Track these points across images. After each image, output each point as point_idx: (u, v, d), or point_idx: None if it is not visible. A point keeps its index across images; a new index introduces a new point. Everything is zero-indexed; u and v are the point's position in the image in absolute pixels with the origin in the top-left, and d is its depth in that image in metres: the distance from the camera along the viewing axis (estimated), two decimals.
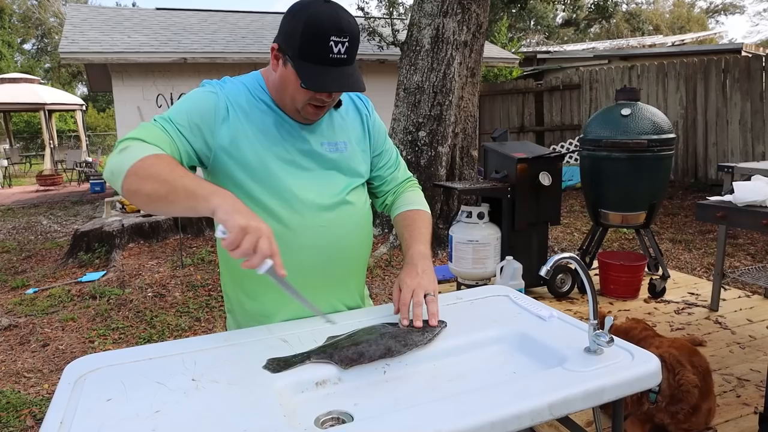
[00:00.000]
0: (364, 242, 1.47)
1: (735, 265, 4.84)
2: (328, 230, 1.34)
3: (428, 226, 1.48)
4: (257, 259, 1.05)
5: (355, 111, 1.47)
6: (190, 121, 1.26)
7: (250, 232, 1.04)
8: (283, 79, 1.26)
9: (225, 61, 8.90)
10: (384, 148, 1.53)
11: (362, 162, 1.45)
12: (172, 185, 1.10)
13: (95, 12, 11.05)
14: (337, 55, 1.19)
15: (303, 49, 1.19)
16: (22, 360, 3.46)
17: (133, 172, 1.12)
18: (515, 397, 0.97)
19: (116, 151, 1.18)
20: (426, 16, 5.63)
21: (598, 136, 3.52)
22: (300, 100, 1.27)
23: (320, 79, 1.20)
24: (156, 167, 1.12)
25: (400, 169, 1.59)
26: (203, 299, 4.42)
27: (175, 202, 1.11)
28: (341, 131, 1.42)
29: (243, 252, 1.04)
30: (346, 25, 1.19)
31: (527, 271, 3.22)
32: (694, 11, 34.44)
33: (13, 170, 15.55)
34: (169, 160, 1.16)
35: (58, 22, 29.52)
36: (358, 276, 1.49)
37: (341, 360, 1.11)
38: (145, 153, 1.14)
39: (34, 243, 6.94)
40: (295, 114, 1.32)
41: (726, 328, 3.06)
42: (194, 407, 0.96)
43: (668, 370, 1.95)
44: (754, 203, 1.96)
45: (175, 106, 1.30)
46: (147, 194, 1.12)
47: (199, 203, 1.09)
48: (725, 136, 7.84)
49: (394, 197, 1.57)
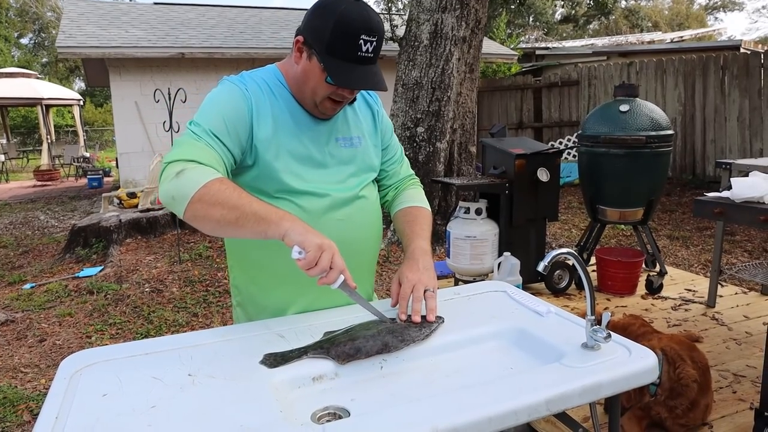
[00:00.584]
0: (376, 236, 1.49)
1: (732, 261, 4.85)
2: (344, 224, 1.36)
3: (429, 223, 1.50)
4: (334, 274, 1.12)
5: (367, 106, 1.50)
6: (230, 129, 1.25)
7: (326, 250, 1.11)
8: (306, 72, 1.27)
9: (223, 56, 8.87)
10: (390, 143, 1.55)
11: (375, 156, 1.48)
12: (242, 211, 1.12)
13: (93, 6, 11.00)
14: (365, 54, 1.22)
15: (332, 45, 1.21)
16: (19, 355, 3.46)
17: (198, 199, 1.12)
18: (512, 393, 0.97)
19: (170, 174, 1.16)
20: (425, 11, 5.61)
21: (596, 133, 3.51)
22: (321, 94, 1.28)
23: (347, 76, 1.22)
24: (223, 194, 1.13)
25: (403, 165, 1.60)
26: (200, 295, 4.41)
27: (245, 227, 1.13)
28: (356, 126, 1.44)
29: (322, 269, 1.10)
30: (375, 24, 1.21)
31: (525, 267, 3.22)
32: (693, 8, 34.41)
33: (10, 165, 15.50)
34: (233, 186, 1.17)
35: (55, 16, 29.38)
36: (369, 269, 1.51)
37: (338, 355, 1.11)
38: (207, 178, 1.14)
39: (31, 238, 6.92)
40: (312, 108, 1.34)
41: (723, 324, 3.07)
42: (190, 402, 0.96)
43: (669, 364, 1.95)
44: (751, 199, 1.96)
45: (206, 112, 1.27)
46: (216, 220, 1.13)
47: (270, 228, 1.12)
48: (723, 133, 7.84)
49: (395, 193, 1.58)
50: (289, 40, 9.73)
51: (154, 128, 8.70)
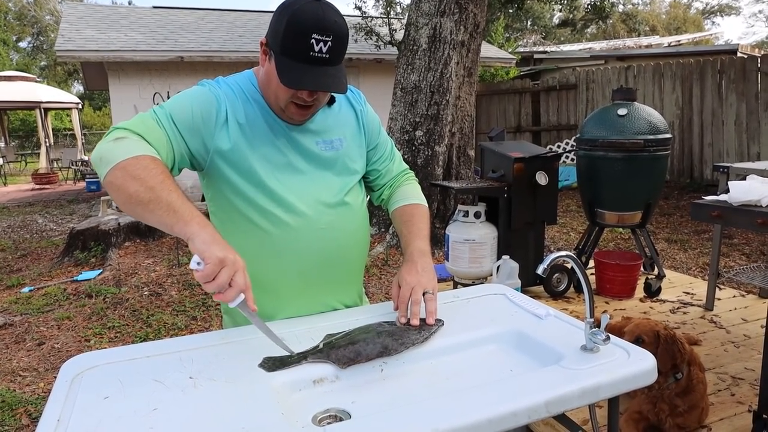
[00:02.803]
0: (361, 242, 1.46)
1: (730, 264, 4.86)
2: (326, 232, 1.33)
3: (426, 220, 1.47)
4: (232, 293, 1.04)
5: (349, 106, 1.45)
6: (192, 122, 1.24)
7: (227, 265, 1.03)
8: (268, 75, 1.25)
9: (222, 60, 8.89)
10: (378, 141, 1.51)
11: (358, 158, 1.44)
12: (157, 194, 1.07)
13: (91, 10, 11.01)
14: (318, 54, 1.16)
15: (285, 45, 1.17)
16: (18, 359, 3.45)
17: (122, 167, 1.10)
18: (512, 395, 0.97)
19: (110, 137, 1.15)
20: (423, 15, 5.63)
21: (594, 136, 3.53)
22: (282, 98, 1.24)
23: (297, 76, 1.17)
24: (147, 171, 1.09)
25: (395, 162, 1.56)
26: (199, 298, 4.41)
27: (154, 212, 1.08)
28: (336, 128, 1.39)
29: (219, 285, 1.03)
30: (330, 23, 1.16)
31: (524, 270, 3.23)
32: (690, 12, 34.55)
33: (9, 168, 15.49)
34: (163, 169, 1.13)
35: (54, 19, 29.40)
36: (356, 275, 1.49)
37: (338, 359, 1.12)
38: (140, 151, 1.12)
39: (30, 241, 6.92)
40: (280, 113, 1.30)
41: (721, 327, 3.07)
42: (192, 405, 0.96)
43: (690, 365, 1.98)
44: (749, 203, 1.96)
45: (176, 101, 1.26)
46: (129, 194, 1.09)
47: (177, 223, 1.07)
48: (721, 137, 7.87)
49: (390, 191, 1.55)
50: None
51: None
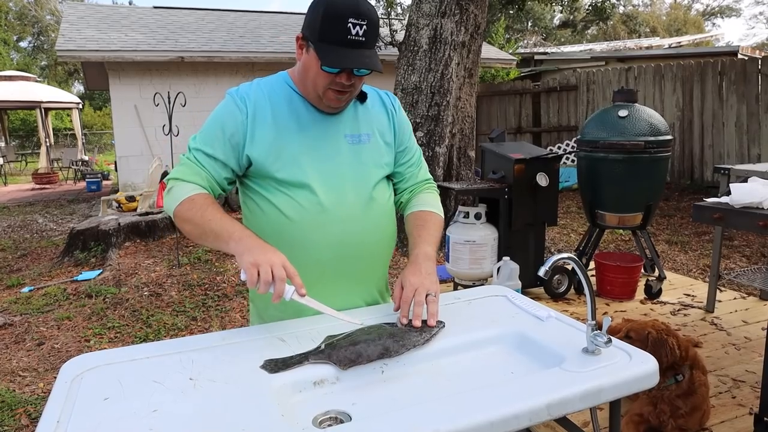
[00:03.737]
0: (385, 239, 1.48)
1: (731, 266, 4.86)
2: (347, 225, 1.37)
3: (439, 229, 1.48)
4: (279, 285, 1.15)
5: (381, 105, 1.50)
6: (225, 142, 1.35)
7: (261, 264, 1.15)
8: (305, 66, 1.32)
9: (222, 60, 8.88)
10: (408, 145, 1.55)
11: (385, 154, 1.48)
12: (203, 229, 1.28)
13: (92, 10, 11.01)
14: (355, 37, 1.25)
15: (323, 31, 1.25)
16: (17, 359, 3.45)
17: (176, 215, 1.32)
18: (513, 397, 0.97)
19: (166, 191, 1.37)
20: (424, 16, 5.63)
21: (595, 138, 3.53)
22: (321, 85, 1.31)
23: (338, 59, 1.25)
24: (189, 212, 1.29)
25: (421, 169, 1.59)
26: (199, 298, 4.41)
27: (207, 241, 1.30)
28: (365, 123, 1.45)
29: (265, 283, 1.14)
30: (364, 9, 1.25)
31: (524, 271, 3.23)
32: (690, 14, 34.56)
33: (9, 168, 15.49)
34: (202, 201, 1.30)
35: (54, 19, 29.41)
36: (377, 272, 1.49)
37: (339, 360, 1.11)
38: (183, 195, 1.31)
39: (30, 241, 6.91)
40: (317, 102, 1.36)
41: (721, 329, 3.07)
42: (192, 406, 0.96)
43: (692, 367, 1.98)
44: (750, 205, 1.96)
45: (205, 128, 1.39)
46: (188, 233, 1.32)
47: (222, 245, 1.26)
48: (721, 138, 7.87)
49: (410, 196, 1.57)
50: (288, 44, 9.75)
51: (153, 132, 8.71)
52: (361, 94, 1.45)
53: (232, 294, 4.50)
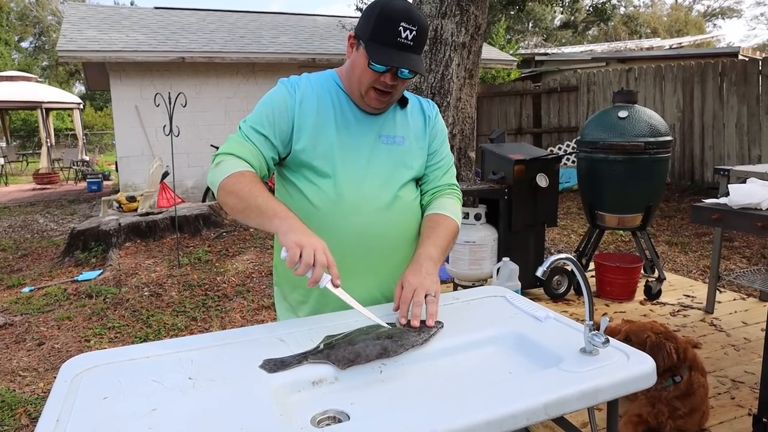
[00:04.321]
0: (407, 236, 1.49)
1: (730, 267, 4.86)
2: (372, 218, 1.40)
3: (449, 233, 1.48)
4: (318, 270, 1.16)
5: (420, 111, 1.56)
6: (271, 123, 1.39)
7: (305, 246, 1.16)
8: (354, 63, 1.39)
9: (223, 61, 8.89)
10: (438, 149, 1.58)
11: (418, 157, 1.52)
12: (247, 203, 1.27)
13: (93, 10, 11.03)
14: (405, 41, 1.31)
15: (375, 32, 1.32)
16: (18, 359, 3.45)
17: (222, 187, 1.31)
18: (511, 397, 0.97)
19: (213, 164, 1.37)
20: (424, 17, 5.64)
21: (595, 139, 3.53)
22: (365, 83, 1.36)
23: (386, 57, 1.31)
24: (238, 185, 1.29)
25: (447, 174, 1.60)
26: (200, 299, 4.41)
27: (250, 217, 1.28)
28: (402, 127, 1.50)
29: (305, 264, 1.15)
30: (416, 16, 1.35)
31: (524, 272, 3.23)
32: (691, 15, 34.56)
33: (10, 168, 15.50)
34: (250, 179, 1.31)
35: (55, 20, 29.44)
36: (398, 267, 1.47)
37: (338, 360, 1.12)
38: (233, 169, 1.31)
39: (31, 241, 6.92)
40: (360, 100, 1.42)
41: (721, 330, 3.07)
42: (191, 406, 0.97)
43: (691, 369, 1.98)
44: (749, 206, 1.96)
45: (257, 110, 1.42)
46: (231, 207, 1.31)
47: (265, 222, 1.25)
48: (722, 139, 7.86)
49: (430, 198, 1.57)
50: (288, 45, 9.76)
51: (154, 132, 8.72)
52: (402, 100, 1.51)
53: (232, 294, 4.51)
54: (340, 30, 9.10)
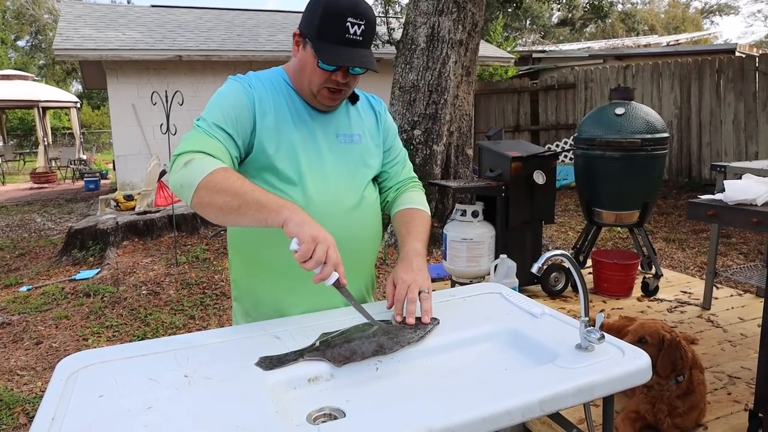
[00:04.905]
0: (374, 237, 1.50)
1: (728, 264, 4.87)
2: (341, 221, 1.38)
3: (426, 225, 1.50)
4: (329, 268, 1.12)
5: (370, 108, 1.54)
6: (233, 122, 1.31)
7: (320, 242, 1.12)
8: (302, 62, 1.34)
9: (220, 59, 8.88)
10: (394, 144, 1.58)
11: (375, 155, 1.51)
12: (244, 199, 1.16)
13: (90, 9, 10.99)
14: (353, 36, 1.26)
15: (321, 29, 1.27)
16: (15, 358, 3.45)
17: (203, 186, 1.18)
18: (506, 393, 0.98)
19: (179, 164, 1.23)
20: (421, 14, 5.63)
21: (591, 135, 3.53)
22: (317, 82, 1.32)
23: (335, 56, 1.26)
24: (227, 181, 1.18)
25: (405, 168, 1.62)
26: (197, 297, 4.41)
27: (246, 214, 1.17)
28: (357, 124, 1.48)
29: (317, 260, 1.11)
30: (363, 9, 1.27)
31: (521, 269, 3.23)
32: (689, 12, 34.58)
33: (7, 167, 15.47)
34: (237, 175, 1.22)
35: (52, 18, 29.35)
36: (366, 269, 1.52)
37: (334, 357, 1.12)
38: (212, 167, 1.20)
39: (28, 241, 6.91)
40: (311, 99, 1.37)
41: (718, 326, 3.08)
42: (187, 403, 0.97)
43: (691, 367, 1.98)
44: (744, 202, 1.97)
45: (213, 106, 1.33)
46: (219, 207, 1.18)
47: (269, 216, 1.16)
48: (719, 136, 7.88)
49: (395, 194, 1.59)
50: (285, 43, 9.74)
51: (152, 131, 8.70)
52: (352, 96, 1.47)
53: (230, 293, 4.51)
54: None
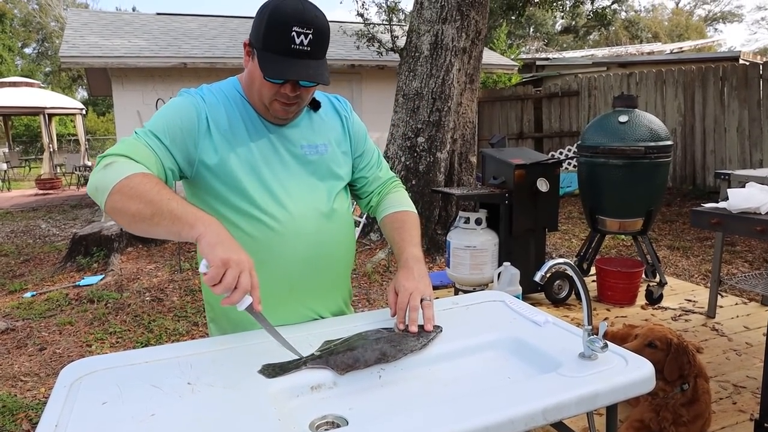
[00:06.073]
0: (347, 249, 1.46)
1: (732, 272, 4.85)
2: (313, 238, 1.34)
3: (417, 227, 1.47)
4: (238, 295, 1.04)
5: (335, 112, 1.46)
6: (174, 133, 1.24)
7: (231, 267, 1.03)
8: (251, 74, 1.27)
9: (225, 66, 8.92)
10: (365, 148, 1.52)
11: (343, 164, 1.44)
12: (158, 207, 1.08)
13: (96, 16, 11.08)
14: (300, 47, 1.18)
15: (266, 40, 1.19)
16: (19, 363, 3.46)
17: (118, 190, 1.10)
18: (509, 402, 0.97)
19: (100, 166, 1.16)
20: (425, 22, 5.65)
21: (595, 143, 3.53)
22: (266, 96, 1.25)
23: (279, 69, 1.18)
24: (143, 187, 1.10)
25: (382, 169, 1.57)
26: (201, 304, 4.41)
27: (160, 225, 1.09)
28: (321, 133, 1.40)
29: (225, 287, 1.02)
30: (310, 17, 1.18)
31: (525, 277, 3.23)
32: (692, 19, 34.61)
33: (13, 174, 15.55)
34: (156, 181, 1.14)
35: (58, 26, 29.59)
36: (342, 283, 1.48)
37: (337, 365, 1.12)
38: (131, 171, 1.12)
39: (33, 246, 6.93)
40: (265, 112, 1.30)
41: (723, 335, 3.07)
42: (189, 410, 0.97)
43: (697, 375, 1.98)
44: (748, 210, 1.96)
45: (156, 117, 1.27)
46: (132, 214, 1.10)
47: (183, 229, 1.08)
48: (723, 144, 7.86)
49: (378, 198, 1.55)
50: None
51: None
52: (314, 102, 1.39)
53: None
54: (341, 35, 9.12)
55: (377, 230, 5.93)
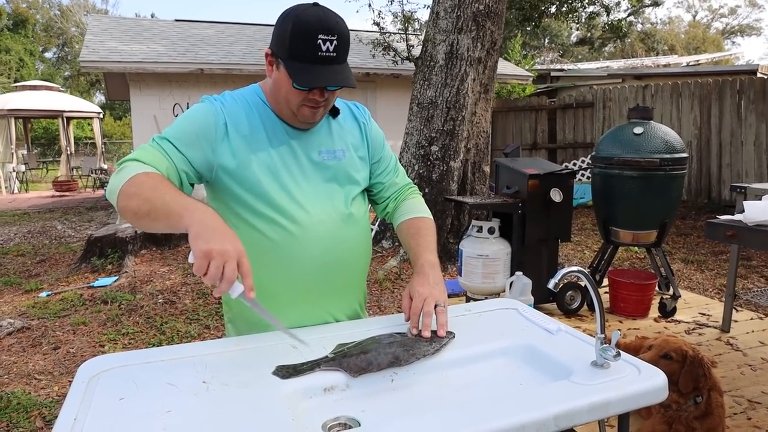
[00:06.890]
0: (364, 253, 1.48)
1: (748, 286, 4.79)
2: (330, 242, 1.35)
3: (434, 233, 1.48)
4: (225, 286, 1.04)
5: (353, 119, 1.48)
6: (190, 139, 1.28)
7: (214, 257, 1.02)
8: (277, 83, 1.29)
9: (241, 73, 9.02)
10: (382, 155, 1.54)
11: (361, 169, 1.46)
12: (153, 203, 1.11)
13: (115, 22, 11.26)
14: (326, 53, 1.21)
15: (292, 49, 1.22)
16: (34, 362, 3.50)
17: (123, 191, 1.15)
18: (520, 408, 0.98)
19: (115, 172, 1.22)
20: (441, 32, 5.68)
21: (609, 154, 3.52)
22: (294, 102, 1.28)
23: (310, 76, 1.22)
24: (142, 186, 1.14)
25: (399, 175, 1.59)
26: (213, 307, 4.44)
27: (157, 219, 1.12)
28: (339, 139, 1.43)
29: (210, 278, 1.02)
30: (333, 24, 1.22)
31: (537, 286, 3.22)
32: (709, 32, 34.39)
33: (30, 175, 15.78)
34: (158, 178, 1.17)
35: (79, 31, 30.09)
36: (358, 286, 1.50)
37: (350, 368, 1.13)
38: (136, 171, 1.17)
39: (49, 247, 7.03)
40: (291, 118, 1.33)
41: (737, 349, 3.03)
42: (204, 408, 0.98)
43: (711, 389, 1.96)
44: (764, 222, 1.95)
45: (175, 123, 1.31)
46: (133, 212, 1.14)
47: (175, 221, 1.09)
48: (739, 157, 7.79)
49: (395, 204, 1.57)
50: None
51: None
52: (333, 109, 1.42)
53: None
54: (357, 44, 9.18)
55: (389, 237, 5.94)
